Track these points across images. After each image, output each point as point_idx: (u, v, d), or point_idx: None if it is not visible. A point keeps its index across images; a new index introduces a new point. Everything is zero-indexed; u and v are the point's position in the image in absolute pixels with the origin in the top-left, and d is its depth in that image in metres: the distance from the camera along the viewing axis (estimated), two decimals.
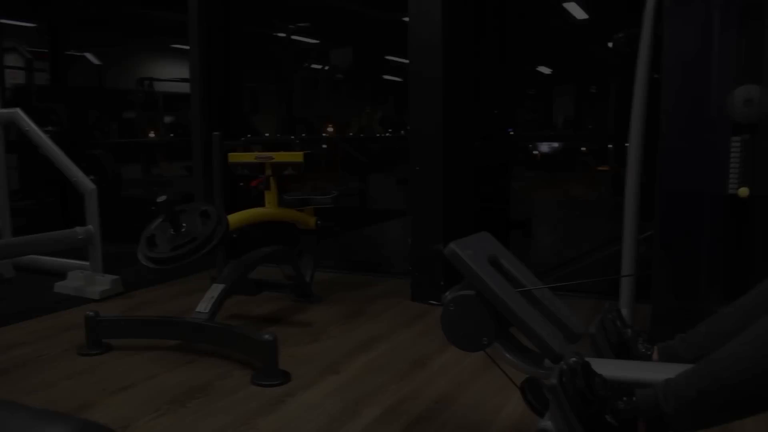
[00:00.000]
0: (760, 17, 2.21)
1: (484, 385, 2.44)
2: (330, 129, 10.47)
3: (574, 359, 1.41)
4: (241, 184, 3.51)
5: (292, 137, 3.87)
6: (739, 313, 1.61)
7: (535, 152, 12.47)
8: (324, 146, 8.87)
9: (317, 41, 9.47)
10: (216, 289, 2.84)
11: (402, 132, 3.65)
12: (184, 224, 2.73)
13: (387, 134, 11.52)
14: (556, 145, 12.82)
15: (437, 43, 3.42)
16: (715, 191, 2.30)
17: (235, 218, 3.06)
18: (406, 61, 3.53)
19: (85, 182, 3.84)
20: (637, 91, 2.49)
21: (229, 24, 4.82)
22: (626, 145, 2.57)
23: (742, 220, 2.30)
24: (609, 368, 1.50)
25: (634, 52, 2.52)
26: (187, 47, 4.56)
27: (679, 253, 2.39)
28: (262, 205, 3.39)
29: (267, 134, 8.94)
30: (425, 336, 3.01)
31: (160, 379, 2.51)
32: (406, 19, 3.49)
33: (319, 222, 3.55)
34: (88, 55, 8.84)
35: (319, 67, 9.48)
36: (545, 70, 12.79)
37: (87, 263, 3.83)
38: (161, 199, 2.65)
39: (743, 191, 2.26)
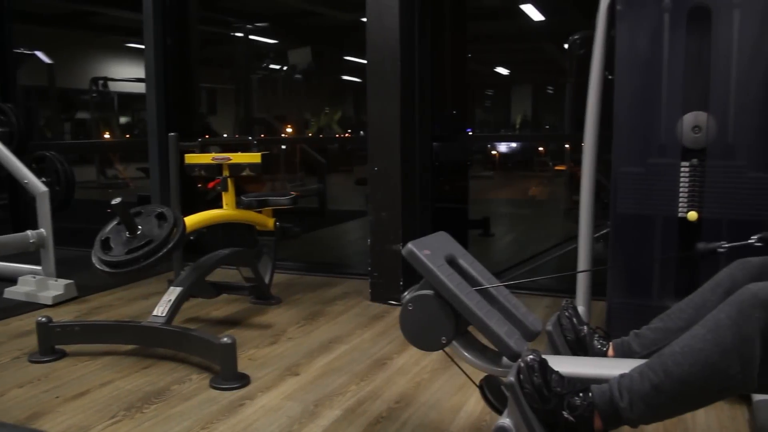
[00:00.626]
0: (707, 22, 2.26)
1: (444, 384, 2.46)
2: (289, 129, 10.43)
3: (531, 356, 1.43)
4: (200, 185, 3.47)
5: (250, 138, 3.82)
6: (690, 309, 1.65)
7: (493, 152, 12.61)
8: (283, 147, 8.84)
9: (276, 41, 9.42)
10: (173, 293, 2.80)
11: (362, 132, 3.63)
12: (139, 227, 2.69)
13: (347, 135, 11.53)
14: (514, 145, 12.99)
15: (395, 44, 3.43)
16: (666, 214, 2.37)
17: (192, 220, 3.03)
18: (365, 62, 3.53)
19: (37, 184, 3.75)
20: (591, 92, 2.53)
21: (186, 23, 4.75)
22: (582, 144, 2.61)
23: (692, 241, 2.35)
24: (565, 365, 1.52)
25: (589, 53, 2.56)
26: (143, 46, 4.49)
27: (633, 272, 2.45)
28: (220, 206, 3.36)
29: (225, 135, 8.86)
30: (385, 336, 3.02)
31: (116, 385, 2.46)
32: (365, 19, 3.49)
33: (277, 223, 3.53)
34: (39, 54, 8.63)
35: (278, 67, 9.43)
36: (503, 71, 12.92)
37: (39, 268, 3.73)
38: (116, 201, 2.59)
39: (692, 215, 2.32)
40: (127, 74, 10.55)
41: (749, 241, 1.51)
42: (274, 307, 3.53)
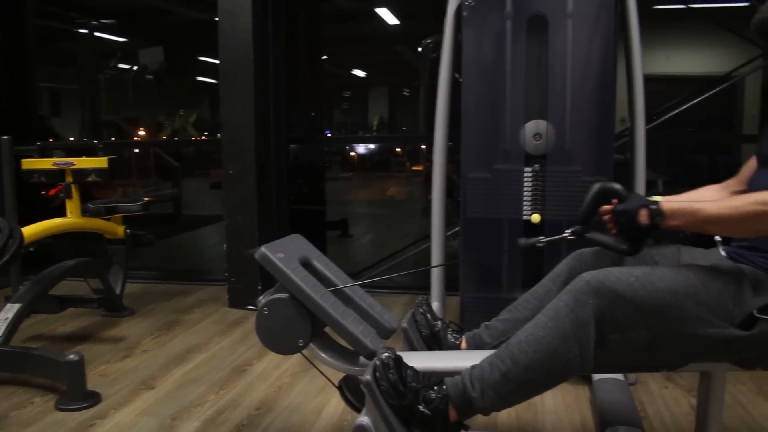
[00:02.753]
0: (543, 28, 2.41)
1: (305, 387, 2.45)
2: (141, 132, 9.97)
3: (386, 354, 1.45)
4: (43, 192, 3.24)
5: (95, 141, 3.62)
6: (535, 299, 1.75)
7: (352, 154, 12.72)
8: (135, 150, 8.43)
9: (125, 40, 8.95)
10: (11, 310, 2.59)
11: (218, 135, 3.54)
12: None
13: (203, 137, 11.18)
14: (372, 146, 13.18)
15: (248, 45, 3.38)
16: (512, 217, 2.49)
17: (31, 230, 2.81)
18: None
19: None
20: (440, 94, 2.61)
21: (20, 16, 4.41)
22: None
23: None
24: (420, 360, 1.56)
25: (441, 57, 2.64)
26: None
27: (483, 272, 2.55)
28: (64, 214, 3.15)
29: (72, 138, 8.30)
30: (244, 342, 2.96)
31: None
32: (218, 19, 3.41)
33: (128, 230, 3.36)
34: None
35: (128, 67, 8.98)
36: (360, 73, 13.07)
37: None
38: None
39: (536, 217, 2.46)
40: None
41: (563, 234, 1.63)
42: (127, 318, 3.37)
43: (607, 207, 1.54)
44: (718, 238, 1.47)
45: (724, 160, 8.24)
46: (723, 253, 1.57)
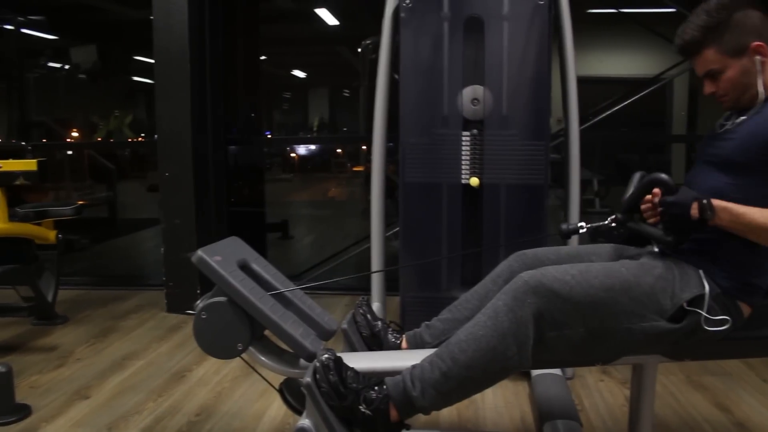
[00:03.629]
0: (480, 30, 2.44)
1: (246, 392, 2.42)
2: (75, 134, 9.65)
3: (326, 356, 1.44)
4: None
5: (23, 143, 3.49)
6: (475, 299, 1.77)
7: (293, 155, 12.63)
8: (69, 152, 8.16)
9: (56, 37, 8.64)
10: None
11: (156, 136, 3.46)
12: None
13: (139, 139, 10.91)
14: (313, 147, 13.10)
15: (184, 44, 3.31)
16: (451, 182, 2.51)
17: None
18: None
19: None
20: (379, 94, 2.62)
21: None
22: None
23: (475, 206, 2.52)
24: (361, 361, 1.56)
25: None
26: None
27: (422, 242, 2.56)
28: None
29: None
30: (183, 348, 2.90)
31: None
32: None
33: (60, 235, 3.25)
34: None
35: (59, 66, 8.68)
36: (300, 73, 12.98)
37: None
38: None
39: (474, 181, 2.49)
40: None
41: (605, 222, 1.65)
42: (60, 326, 3.26)
43: (650, 197, 1.52)
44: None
45: (656, 159, 8.54)
46: (655, 248, 1.62)
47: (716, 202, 1.42)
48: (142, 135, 10.82)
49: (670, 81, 6.54)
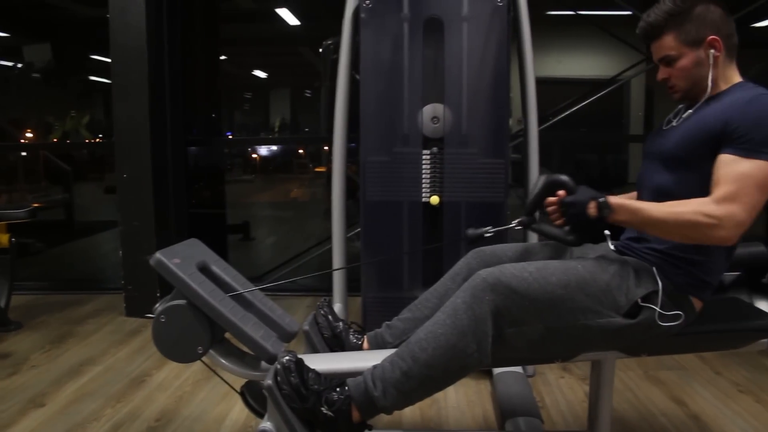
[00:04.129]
0: (440, 30, 2.45)
1: (207, 395, 2.39)
2: (29, 135, 9.43)
3: (287, 357, 1.44)
4: None
5: None
6: (434, 298, 1.77)
7: (254, 156, 12.53)
8: (23, 154, 7.97)
9: (7, 35, 8.43)
10: None
11: (113, 137, 3.40)
12: None
13: (97, 140, 10.70)
14: (275, 148, 13.02)
15: (141, 43, 3.27)
16: (412, 200, 2.52)
17: None
18: None
19: None
20: (339, 94, 2.61)
21: None
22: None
23: (435, 223, 2.53)
24: (322, 362, 1.55)
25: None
26: None
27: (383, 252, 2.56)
28: None
29: None
30: (142, 352, 2.86)
31: None
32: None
33: (13, 239, 3.17)
34: None
35: (11, 64, 8.47)
36: (261, 74, 12.88)
37: None
38: None
39: (434, 199, 2.50)
40: None
41: (510, 225, 1.66)
42: (14, 333, 3.19)
43: (552, 198, 1.55)
44: (607, 232, 1.53)
45: (613, 159, 8.69)
46: (611, 246, 1.65)
47: (614, 200, 1.46)
48: (100, 136, 10.62)
49: (627, 82, 6.67)
